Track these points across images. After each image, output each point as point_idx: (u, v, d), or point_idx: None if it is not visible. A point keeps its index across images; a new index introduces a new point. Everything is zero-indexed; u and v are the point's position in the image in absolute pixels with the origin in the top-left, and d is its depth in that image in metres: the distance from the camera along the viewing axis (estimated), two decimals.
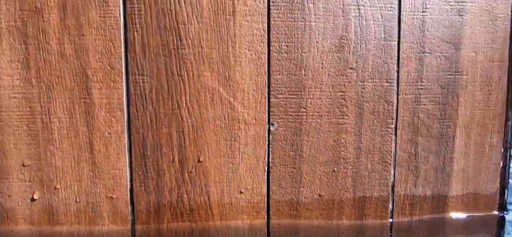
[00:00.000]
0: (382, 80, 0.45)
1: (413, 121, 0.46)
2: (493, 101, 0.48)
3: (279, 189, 0.45)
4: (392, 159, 0.46)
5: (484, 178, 0.49)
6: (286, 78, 0.43)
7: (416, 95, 0.46)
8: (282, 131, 0.44)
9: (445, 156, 0.47)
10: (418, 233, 0.47)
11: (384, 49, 0.44)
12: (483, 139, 0.48)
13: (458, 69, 0.46)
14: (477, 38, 0.46)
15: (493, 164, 0.49)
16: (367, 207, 0.46)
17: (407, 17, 0.44)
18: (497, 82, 0.47)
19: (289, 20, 0.43)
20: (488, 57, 0.47)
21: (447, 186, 0.48)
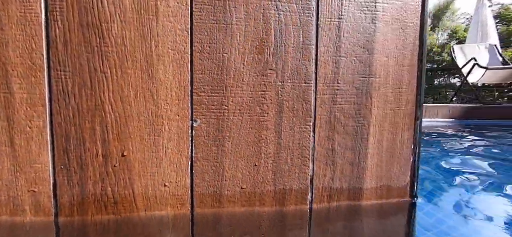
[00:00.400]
0: (300, 81, 0.48)
1: (330, 119, 0.50)
2: (403, 102, 0.52)
3: (202, 182, 0.47)
4: (310, 154, 0.50)
5: (396, 171, 0.54)
6: (208, 77, 0.46)
7: (332, 95, 0.50)
8: (205, 127, 0.46)
9: (360, 151, 0.52)
10: (335, 219, 0.51)
11: (303, 52, 0.48)
12: (395, 136, 0.53)
13: (372, 72, 0.50)
14: (389, 44, 0.51)
15: (404, 158, 0.54)
16: (288, 198, 0.50)
17: (324, 23, 0.48)
18: (407, 85, 0.52)
19: (211, 22, 0.45)
20: (399, 62, 0.51)
21: (362, 179, 0.52)
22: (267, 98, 0.47)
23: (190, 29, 0.44)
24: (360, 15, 0.49)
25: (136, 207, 0.46)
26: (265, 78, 0.47)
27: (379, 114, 0.51)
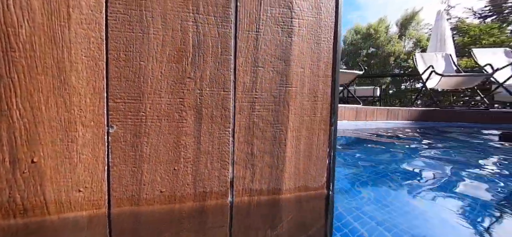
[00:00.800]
0: (219, 89, 0.51)
1: (249, 125, 0.53)
2: (319, 109, 0.58)
3: (119, 186, 0.48)
4: (230, 159, 0.53)
5: (313, 172, 0.58)
6: (125, 84, 0.47)
7: (251, 102, 0.53)
8: (122, 133, 0.47)
9: (278, 155, 0.56)
10: (256, 218, 0.55)
11: (221, 62, 0.51)
12: (311, 140, 0.58)
13: (288, 82, 0.55)
14: (304, 56, 0.55)
15: (321, 160, 0.59)
16: (208, 200, 0.52)
17: (242, 35, 0.51)
18: (322, 94, 0.57)
19: (127, 31, 0.46)
20: (314, 72, 0.57)
21: (281, 180, 0.56)
22: (186, 105, 0.49)
23: (105, 37, 0.45)
24: (276, 29, 0.53)
25: (48, 213, 0.46)
26: (183, 86, 0.49)
27: (296, 120, 0.56)
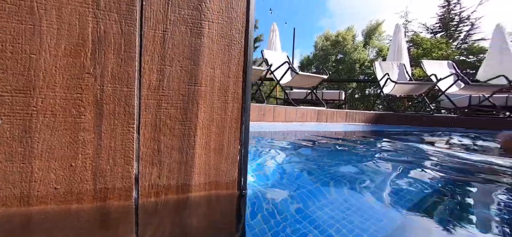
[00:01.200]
0: (123, 86, 0.51)
1: (156, 123, 0.55)
2: (230, 108, 0.61)
3: (6, 184, 0.46)
4: (135, 155, 0.53)
5: (224, 168, 0.62)
6: (12, 77, 0.45)
7: (158, 100, 0.54)
8: (8, 128, 0.45)
9: (187, 151, 0.58)
10: (164, 213, 0.56)
11: (125, 59, 0.51)
12: (222, 138, 0.61)
13: (198, 81, 0.57)
14: (215, 58, 0.58)
15: (232, 157, 0.62)
16: (110, 196, 0.52)
17: (148, 34, 0.53)
18: (233, 94, 0.61)
19: (15, 22, 0.45)
20: (225, 73, 0.60)
21: (191, 176, 0.58)
22: (84, 100, 0.49)
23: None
24: (185, 30, 0.55)
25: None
26: (82, 81, 0.49)
27: (206, 118, 0.59)
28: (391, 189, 0.86)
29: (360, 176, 0.98)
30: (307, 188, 0.80)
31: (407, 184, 0.91)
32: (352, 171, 1.06)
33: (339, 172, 1.02)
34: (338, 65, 18.74)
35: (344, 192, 0.79)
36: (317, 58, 20.31)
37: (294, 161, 1.16)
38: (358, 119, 4.17)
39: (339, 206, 0.66)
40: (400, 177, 1.01)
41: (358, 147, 1.77)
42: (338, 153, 1.49)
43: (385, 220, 0.61)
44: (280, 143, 1.62)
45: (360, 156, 1.42)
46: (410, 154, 1.49)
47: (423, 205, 0.73)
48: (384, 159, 1.36)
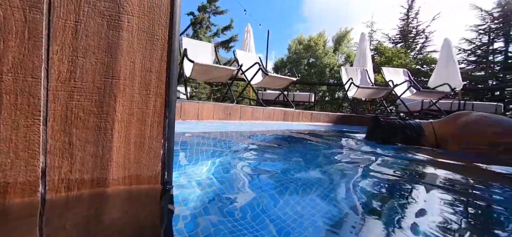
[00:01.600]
0: (26, 76, 0.49)
1: (67, 115, 0.53)
2: (152, 102, 0.62)
3: None
4: (41, 148, 0.51)
5: (146, 162, 0.62)
6: None
7: (69, 92, 0.53)
8: None
9: (104, 145, 0.57)
10: (77, 208, 0.55)
11: (29, 49, 0.49)
12: (144, 132, 0.61)
13: (115, 75, 0.57)
14: (135, 51, 0.59)
15: (154, 151, 0.63)
16: (11, 191, 0.50)
17: (58, 24, 0.51)
18: (155, 88, 0.62)
19: None
20: (146, 68, 0.60)
21: (108, 170, 0.58)
22: None
23: None
24: (102, 22, 0.55)
25: None
26: None
27: (125, 112, 0.58)
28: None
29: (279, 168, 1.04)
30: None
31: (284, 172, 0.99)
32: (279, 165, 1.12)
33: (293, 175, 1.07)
34: (310, 68, 19.48)
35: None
36: (290, 61, 20.88)
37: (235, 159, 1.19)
38: (322, 119, 4.38)
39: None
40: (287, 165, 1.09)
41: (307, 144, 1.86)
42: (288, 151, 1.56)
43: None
44: (234, 141, 1.64)
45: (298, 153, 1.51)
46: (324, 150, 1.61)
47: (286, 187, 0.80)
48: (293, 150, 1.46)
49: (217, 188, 0.74)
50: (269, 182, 0.85)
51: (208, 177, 0.81)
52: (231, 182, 0.82)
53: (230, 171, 0.93)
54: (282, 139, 1.91)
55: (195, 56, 4.70)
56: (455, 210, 0.72)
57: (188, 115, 2.85)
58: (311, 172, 1.02)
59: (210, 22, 16.72)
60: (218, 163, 0.98)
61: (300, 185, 0.82)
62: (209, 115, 3.07)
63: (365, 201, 0.73)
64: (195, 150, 1.17)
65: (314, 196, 0.75)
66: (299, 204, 0.68)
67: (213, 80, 6.14)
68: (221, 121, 3.08)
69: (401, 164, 1.22)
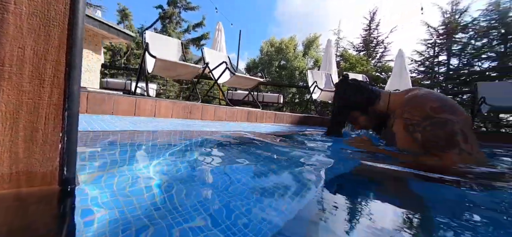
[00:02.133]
0: None
1: None
2: (48, 94, 0.57)
3: None
4: None
5: (39, 158, 0.58)
6: None
7: None
8: None
9: None
10: None
11: None
12: (37, 125, 0.57)
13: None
14: (24, 37, 0.54)
15: (50, 146, 0.58)
16: None
17: None
18: (52, 78, 0.58)
19: None
20: (40, 56, 0.56)
21: None
22: None
23: None
24: None
25: None
26: None
27: (10, 102, 0.54)
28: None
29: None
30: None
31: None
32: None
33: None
34: (281, 70, 19.93)
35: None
36: (262, 62, 21.13)
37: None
38: (285, 120, 4.51)
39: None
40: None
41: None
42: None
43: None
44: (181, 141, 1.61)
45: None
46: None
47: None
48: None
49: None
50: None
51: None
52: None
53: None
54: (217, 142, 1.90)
55: (159, 51, 4.52)
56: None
57: (143, 112, 2.72)
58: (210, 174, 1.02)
59: (181, 17, 16.21)
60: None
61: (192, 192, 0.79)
62: (167, 113, 2.97)
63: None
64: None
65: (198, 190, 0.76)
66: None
67: (178, 77, 5.96)
68: (181, 120, 3.00)
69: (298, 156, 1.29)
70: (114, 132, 1.56)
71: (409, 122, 1.16)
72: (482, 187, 0.94)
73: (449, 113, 1.08)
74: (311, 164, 1.17)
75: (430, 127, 1.08)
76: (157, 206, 0.60)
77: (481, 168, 1.06)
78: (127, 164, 0.89)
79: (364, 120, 1.56)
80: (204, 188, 0.76)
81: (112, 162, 0.88)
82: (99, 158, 0.93)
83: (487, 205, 0.79)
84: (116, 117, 2.32)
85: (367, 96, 1.46)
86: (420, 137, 1.12)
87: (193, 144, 1.43)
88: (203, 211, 0.59)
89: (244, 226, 0.53)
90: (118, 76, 14.08)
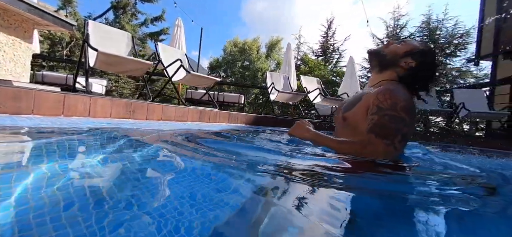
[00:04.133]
0: None
1: None
2: None
3: None
4: None
5: None
6: None
7: None
8: None
9: None
10: None
11: None
12: None
13: None
14: None
15: None
16: None
17: None
18: None
19: None
20: None
21: None
22: None
23: None
24: None
25: None
26: None
27: None
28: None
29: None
30: None
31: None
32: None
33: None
34: (244, 71, 20.00)
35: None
36: (225, 62, 20.90)
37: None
38: (239, 120, 4.50)
39: None
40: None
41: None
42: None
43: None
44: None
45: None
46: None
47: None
48: None
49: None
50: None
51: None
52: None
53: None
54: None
55: (104, 44, 4.10)
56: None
57: (74, 111, 2.41)
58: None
59: (137, 9, 15.08)
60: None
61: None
62: (105, 112, 2.70)
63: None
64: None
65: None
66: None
67: (127, 73, 5.51)
68: (122, 120, 2.76)
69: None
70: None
71: (378, 102, 1.20)
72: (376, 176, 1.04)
73: (407, 116, 1.17)
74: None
75: (388, 118, 1.16)
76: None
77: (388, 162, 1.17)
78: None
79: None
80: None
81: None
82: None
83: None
84: (35, 118, 2.00)
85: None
86: (375, 119, 1.18)
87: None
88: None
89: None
90: (59, 69, 12.42)
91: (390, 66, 1.41)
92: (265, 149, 1.42)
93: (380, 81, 1.42)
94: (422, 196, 0.83)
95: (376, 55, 1.49)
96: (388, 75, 1.42)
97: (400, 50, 1.40)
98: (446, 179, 1.13)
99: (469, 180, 1.13)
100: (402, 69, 1.38)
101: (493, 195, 0.89)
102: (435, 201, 0.76)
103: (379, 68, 1.45)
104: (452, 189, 0.90)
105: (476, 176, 1.24)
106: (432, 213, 0.68)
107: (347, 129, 1.36)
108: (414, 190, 0.93)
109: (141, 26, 15.41)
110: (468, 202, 0.76)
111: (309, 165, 1.12)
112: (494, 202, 0.82)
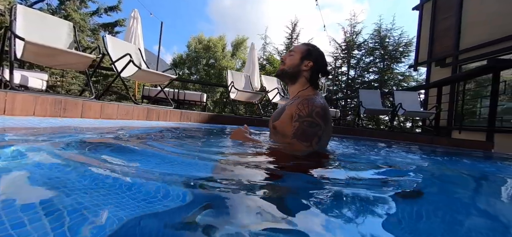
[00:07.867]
0: None
1: None
2: None
3: None
4: None
5: None
6: None
7: None
8: None
9: None
10: None
11: None
12: None
13: None
14: None
15: None
16: None
17: None
18: None
19: None
20: None
21: None
22: None
23: None
24: None
25: None
26: None
27: None
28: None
29: None
30: None
31: None
32: None
33: None
34: (209, 69, 19.56)
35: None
36: (190, 59, 20.18)
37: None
38: (192, 119, 4.37)
39: None
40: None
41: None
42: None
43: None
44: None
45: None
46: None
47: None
48: None
49: None
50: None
51: None
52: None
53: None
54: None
55: (38, 33, 3.60)
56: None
57: None
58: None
59: None
60: None
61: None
62: (27, 110, 2.38)
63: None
64: None
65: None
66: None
67: (65, 67, 4.97)
68: (49, 119, 2.46)
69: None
70: None
71: (299, 111, 1.42)
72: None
73: (322, 121, 1.40)
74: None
75: (306, 123, 1.38)
76: None
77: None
78: None
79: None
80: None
81: None
82: None
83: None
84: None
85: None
86: (297, 125, 1.41)
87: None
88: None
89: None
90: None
91: (297, 75, 1.62)
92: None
93: (297, 93, 1.63)
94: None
95: (283, 75, 1.68)
96: (301, 83, 1.63)
97: (296, 60, 1.61)
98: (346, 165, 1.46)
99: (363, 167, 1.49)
100: (306, 71, 1.60)
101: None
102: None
103: (291, 82, 1.66)
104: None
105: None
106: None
107: (277, 135, 1.60)
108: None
109: (92, 15, 14.00)
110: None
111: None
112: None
